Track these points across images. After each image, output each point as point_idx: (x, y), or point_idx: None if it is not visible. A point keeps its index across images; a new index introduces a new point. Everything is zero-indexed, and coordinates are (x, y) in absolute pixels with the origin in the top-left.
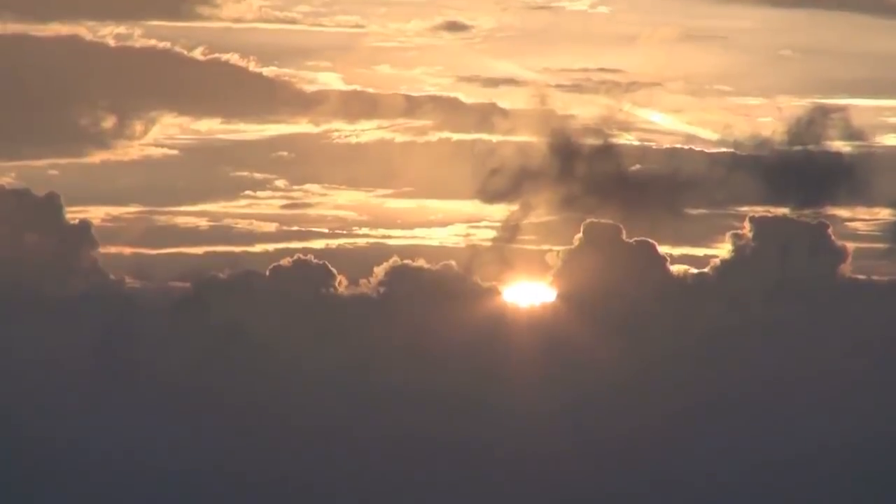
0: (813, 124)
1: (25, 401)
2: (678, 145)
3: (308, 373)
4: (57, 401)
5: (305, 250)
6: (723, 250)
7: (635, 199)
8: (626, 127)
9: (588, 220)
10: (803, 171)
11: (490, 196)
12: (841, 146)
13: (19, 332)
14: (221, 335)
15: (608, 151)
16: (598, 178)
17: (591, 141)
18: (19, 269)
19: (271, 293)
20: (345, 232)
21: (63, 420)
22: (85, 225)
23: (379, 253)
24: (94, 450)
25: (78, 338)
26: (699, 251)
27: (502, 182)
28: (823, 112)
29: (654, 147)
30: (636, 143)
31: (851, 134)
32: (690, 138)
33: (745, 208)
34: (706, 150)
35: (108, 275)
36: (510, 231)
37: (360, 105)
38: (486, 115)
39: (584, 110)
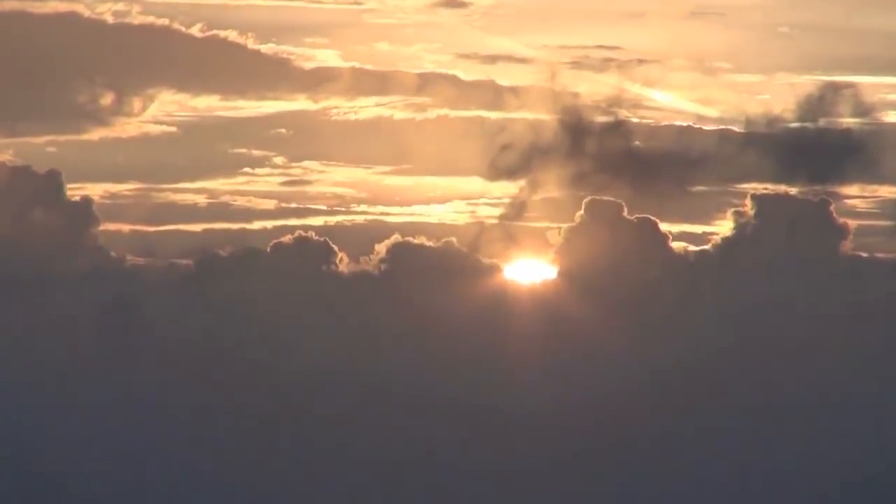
0: (820, 102)
1: (31, 377)
2: (678, 122)
3: (310, 349)
4: (60, 378)
5: (304, 227)
6: (724, 228)
7: (637, 177)
8: (626, 104)
9: (589, 198)
10: (807, 149)
11: (490, 173)
12: (846, 123)
13: (21, 310)
14: (225, 312)
15: (609, 129)
16: (600, 156)
17: (592, 118)
18: (21, 246)
19: (273, 270)
20: (343, 209)
21: (67, 398)
22: (86, 202)
23: (378, 230)
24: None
25: (81, 316)
26: (701, 228)
27: (502, 159)
28: (832, 89)
29: (653, 124)
30: (637, 120)
31: (856, 111)
32: (690, 116)
33: (747, 186)
34: (706, 128)
35: (109, 252)
36: (511, 209)
37: (358, 82)
38: (485, 93)
39: (583, 87)
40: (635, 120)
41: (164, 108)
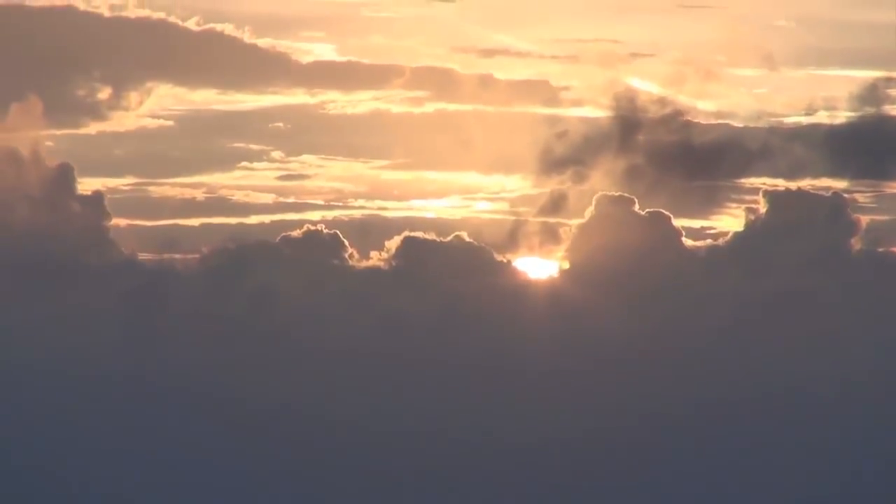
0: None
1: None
2: (679, 117)
3: (322, 346)
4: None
5: (302, 222)
6: (737, 224)
7: (644, 171)
8: (626, 98)
9: (600, 193)
10: (802, 145)
11: (491, 167)
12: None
13: (32, 305)
14: (245, 303)
15: (612, 123)
16: (606, 150)
17: (593, 113)
18: (28, 238)
19: (284, 263)
20: (341, 204)
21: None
22: (98, 196)
23: (376, 225)
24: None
25: (91, 312)
26: (713, 224)
27: (501, 153)
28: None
29: (654, 118)
30: (640, 114)
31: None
32: (689, 110)
33: (759, 181)
34: (703, 122)
35: (119, 246)
36: (523, 203)
37: (355, 76)
38: (482, 86)
39: (580, 81)
40: (640, 115)
41: (161, 102)
